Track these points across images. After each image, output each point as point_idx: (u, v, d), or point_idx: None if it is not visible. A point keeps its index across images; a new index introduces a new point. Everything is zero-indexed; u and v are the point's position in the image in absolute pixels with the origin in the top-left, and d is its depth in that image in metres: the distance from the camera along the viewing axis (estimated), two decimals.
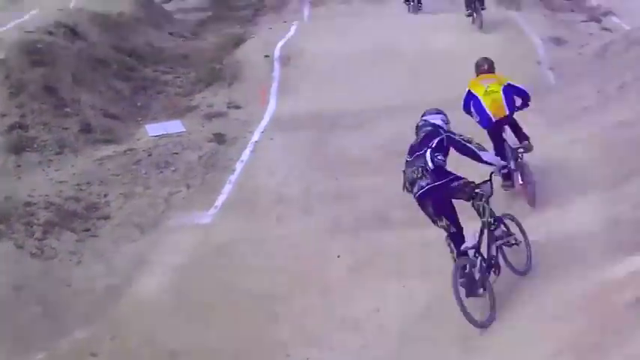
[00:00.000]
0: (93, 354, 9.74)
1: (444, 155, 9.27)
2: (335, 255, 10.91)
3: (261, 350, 9.66)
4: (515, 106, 11.42)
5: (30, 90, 14.80)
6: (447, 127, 9.65)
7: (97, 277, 10.75)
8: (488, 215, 9.15)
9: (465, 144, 9.39)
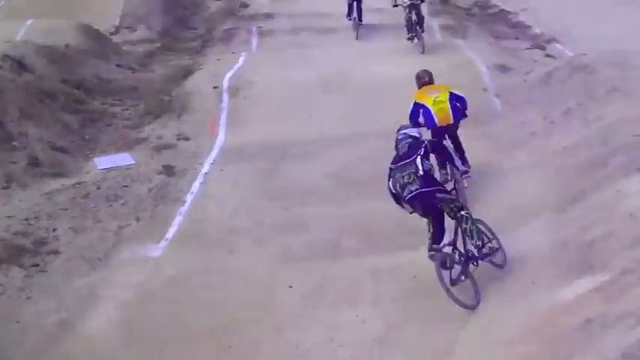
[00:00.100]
0: None
1: (428, 160, 10.37)
2: (287, 285, 10.87)
3: None
4: (460, 116, 12.62)
5: None
6: (422, 135, 10.93)
7: (46, 313, 10.51)
8: (476, 239, 9.88)
9: (445, 148, 10.90)
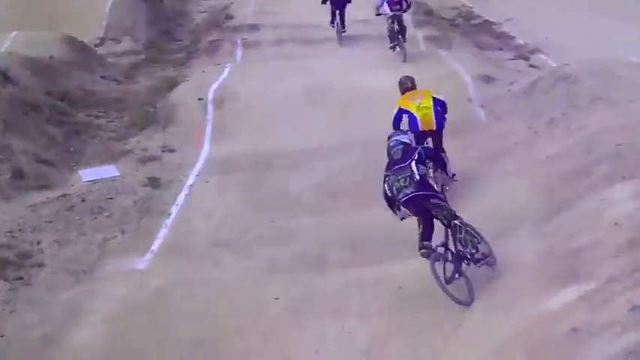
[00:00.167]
0: None
1: (424, 166, 10.61)
2: (273, 297, 10.86)
3: None
4: (443, 123, 13.07)
5: None
6: (413, 142, 11.12)
7: (31, 326, 10.46)
8: (470, 248, 10.13)
9: (438, 155, 11.15)
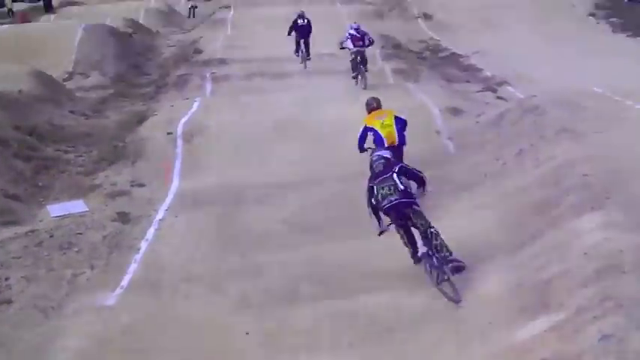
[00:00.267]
0: None
1: (405, 177, 11.40)
2: (244, 332, 10.79)
3: None
4: (404, 141, 14.26)
5: None
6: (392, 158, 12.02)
7: None
8: (445, 251, 10.76)
9: (416, 172, 11.67)
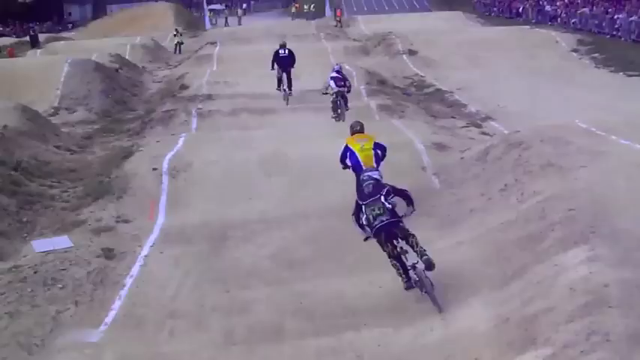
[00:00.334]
0: None
1: (391, 198, 12.02)
2: None
3: None
4: (380, 162, 14.72)
5: None
6: (382, 179, 12.92)
7: None
8: (420, 253, 11.59)
9: (404, 192, 12.33)
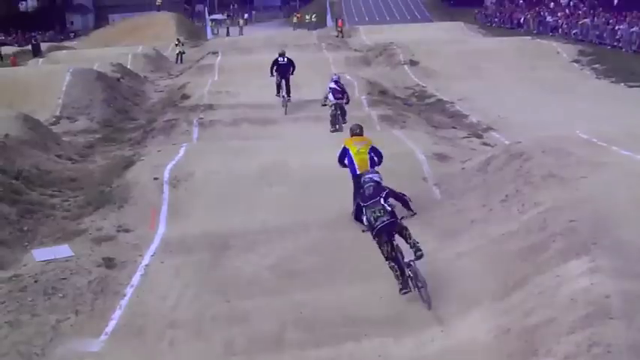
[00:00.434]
0: None
1: (391, 200, 12.57)
2: None
3: None
4: (375, 167, 14.97)
5: None
6: (382, 181, 13.09)
7: None
8: (417, 249, 12.22)
9: (401, 196, 12.79)
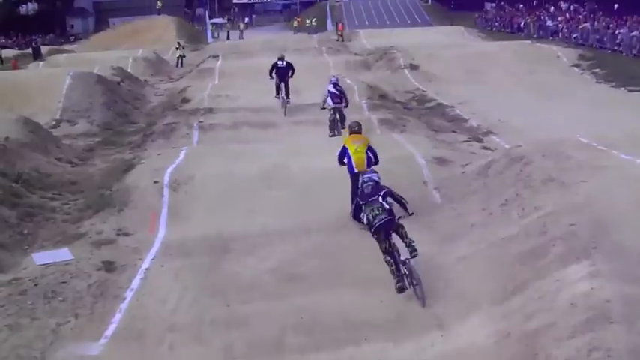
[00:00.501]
0: None
1: (389, 199, 12.88)
2: None
3: None
4: (372, 166, 15.25)
5: None
6: (381, 181, 13.37)
7: None
8: (409, 245, 12.53)
9: (398, 197, 13.12)
